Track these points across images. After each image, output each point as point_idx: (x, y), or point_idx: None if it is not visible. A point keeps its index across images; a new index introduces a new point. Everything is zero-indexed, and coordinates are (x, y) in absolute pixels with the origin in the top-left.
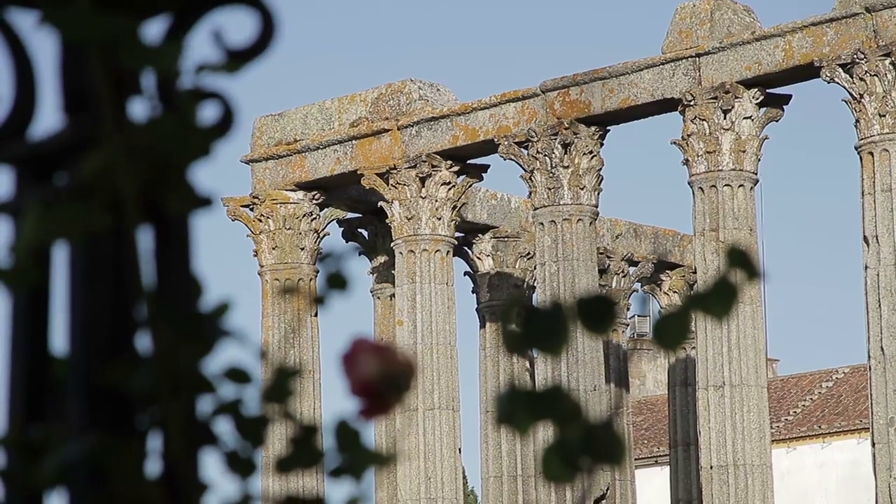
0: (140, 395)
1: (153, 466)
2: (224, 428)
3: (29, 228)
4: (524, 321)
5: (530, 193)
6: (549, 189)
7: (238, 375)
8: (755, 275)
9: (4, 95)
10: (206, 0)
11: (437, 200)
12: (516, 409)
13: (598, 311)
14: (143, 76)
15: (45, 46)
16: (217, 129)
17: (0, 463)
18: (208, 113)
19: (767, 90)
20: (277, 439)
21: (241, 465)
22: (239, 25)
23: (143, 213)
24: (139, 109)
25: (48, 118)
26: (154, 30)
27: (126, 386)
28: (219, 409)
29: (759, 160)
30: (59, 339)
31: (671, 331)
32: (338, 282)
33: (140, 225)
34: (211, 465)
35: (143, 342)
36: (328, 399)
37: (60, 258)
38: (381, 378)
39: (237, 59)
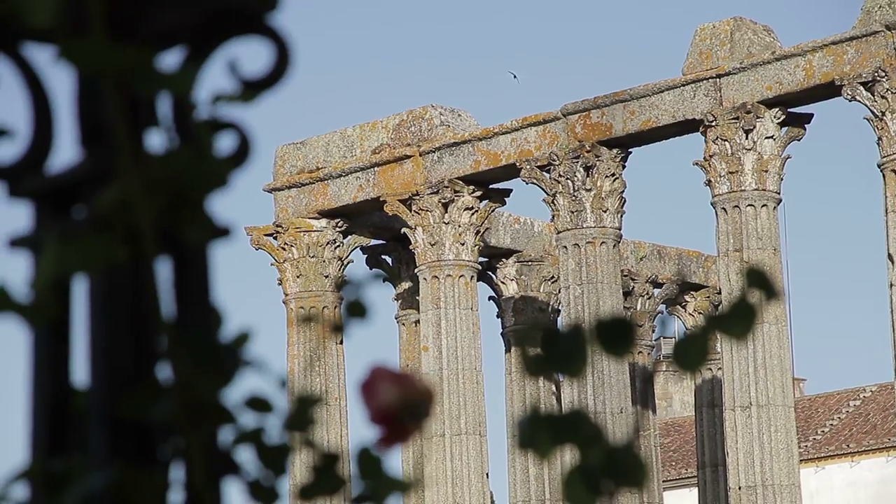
0: (161, 425)
1: (175, 497)
2: (246, 457)
3: (47, 262)
4: (544, 345)
5: (553, 217)
6: (572, 212)
7: (259, 404)
8: (774, 295)
9: (22, 130)
10: (221, 31)
11: (460, 226)
12: (537, 433)
13: (618, 334)
14: (159, 108)
15: (61, 80)
16: (234, 160)
17: (23, 495)
18: (225, 143)
19: (789, 109)
20: (304, 467)
21: (263, 494)
22: (254, 56)
23: (161, 245)
24: (156, 141)
25: (65, 152)
26: (169, 61)
27: (147, 416)
28: (240, 439)
29: (782, 179)
30: (79, 371)
31: (691, 352)
32: (358, 310)
33: (158, 256)
34: (234, 495)
35: (164, 373)
36: (354, 426)
37: (79, 291)
38: (400, 406)
39: (253, 90)
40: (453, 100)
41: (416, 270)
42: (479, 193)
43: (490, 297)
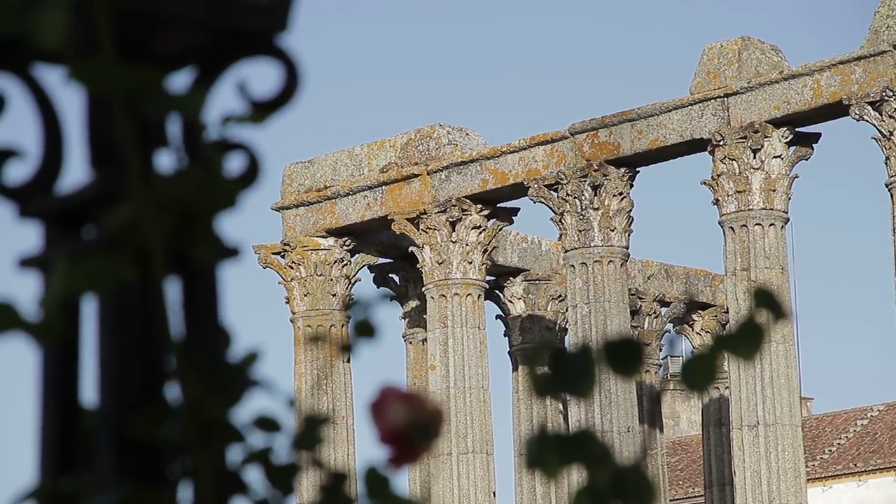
0: (170, 444)
1: None
2: (254, 477)
3: (57, 282)
4: (553, 365)
5: (561, 236)
6: (580, 231)
7: (267, 424)
8: (782, 315)
9: (32, 151)
10: (231, 52)
11: (467, 244)
12: (546, 452)
13: (626, 354)
14: (169, 128)
15: (71, 101)
16: (243, 180)
17: None
18: (234, 164)
19: (797, 129)
20: (312, 487)
21: None
22: (264, 77)
23: (170, 265)
24: (165, 162)
25: (75, 172)
26: (179, 82)
27: (156, 436)
28: (249, 458)
29: (790, 199)
30: (88, 390)
31: (699, 372)
32: (366, 330)
33: (167, 276)
34: None
35: (172, 392)
36: (362, 445)
37: (89, 310)
38: (410, 426)
39: (262, 111)
40: (461, 119)
41: (423, 289)
42: (486, 212)
43: (497, 316)
